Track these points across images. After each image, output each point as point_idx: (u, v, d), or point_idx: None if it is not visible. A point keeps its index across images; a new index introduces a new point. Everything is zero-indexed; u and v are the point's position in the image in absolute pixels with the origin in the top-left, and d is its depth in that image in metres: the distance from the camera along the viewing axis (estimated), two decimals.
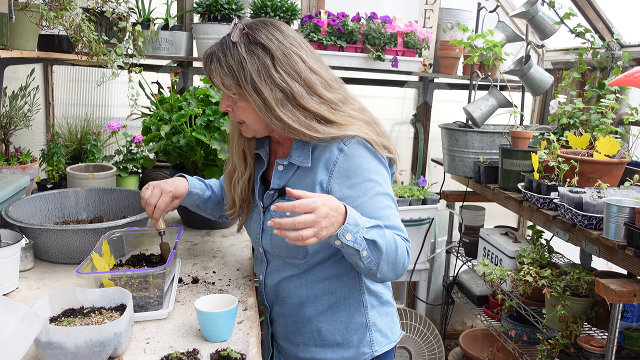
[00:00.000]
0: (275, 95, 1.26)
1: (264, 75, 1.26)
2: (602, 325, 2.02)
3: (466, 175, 2.61)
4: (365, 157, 1.30)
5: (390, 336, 1.47)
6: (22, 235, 1.55)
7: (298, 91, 1.27)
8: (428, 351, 2.85)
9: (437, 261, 3.43)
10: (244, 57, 1.26)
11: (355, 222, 1.16)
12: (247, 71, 1.25)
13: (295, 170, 1.36)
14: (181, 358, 1.14)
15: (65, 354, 1.07)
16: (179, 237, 1.55)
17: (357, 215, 1.19)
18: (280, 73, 1.26)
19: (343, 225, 1.15)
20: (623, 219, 1.67)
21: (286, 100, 1.27)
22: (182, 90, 2.73)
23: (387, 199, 1.30)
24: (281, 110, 1.26)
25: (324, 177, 1.31)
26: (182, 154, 1.96)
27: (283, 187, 1.37)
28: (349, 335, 1.41)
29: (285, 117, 1.27)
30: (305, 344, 1.44)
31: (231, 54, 1.27)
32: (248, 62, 1.26)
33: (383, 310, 1.46)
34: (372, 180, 1.29)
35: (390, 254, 1.22)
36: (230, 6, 2.51)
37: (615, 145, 2.00)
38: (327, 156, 1.31)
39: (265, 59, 1.26)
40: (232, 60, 1.27)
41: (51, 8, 1.94)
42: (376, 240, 1.19)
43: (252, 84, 1.26)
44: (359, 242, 1.17)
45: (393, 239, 1.23)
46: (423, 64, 2.84)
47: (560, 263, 2.42)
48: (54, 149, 2.38)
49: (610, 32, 2.65)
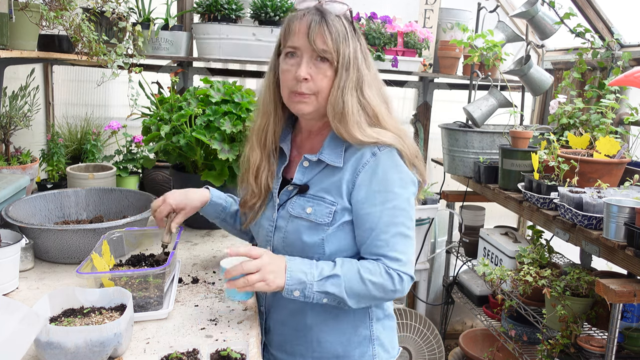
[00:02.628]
0: (355, 75, 1.30)
1: (356, 54, 1.31)
2: (602, 325, 2.02)
3: (466, 175, 2.61)
4: (395, 167, 1.29)
5: (391, 351, 1.43)
6: (22, 235, 1.55)
7: (368, 80, 1.32)
8: (428, 351, 2.85)
9: (437, 261, 3.43)
10: (347, 32, 1.30)
11: (298, 281, 1.22)
12: (349, 45, 1.29)
13: (323, 168, 1.34)
14: (181, 358, 1.14)
15: (65, 354, 1.07)
16: (179, 237, 1.55)
17: (302, 272, 1.23)
18: (365, 58, 1.33)
19: (285, 281, 1.22)
20: (623, 219, 1.67)
21: (357, 84, 1.30)
22: (182, 90, 2.73)
23: (402, 215, 1.28)
24: (351, 93, 1.29)
25: (350, 177, 1.30)
26: (182, 154, 1.96)
27: (305, 183, 1.35)
28: (351, 349, 1.37)
29: (349, 100, 1.28)
30: (303, 354, 1.38)
31: (339, 23, 1.30)
32: (350, 38, 1.30)
33: (387, 323, 1.43)
34: (393, 192, 1.27)
35: (360, 293, 1.25)
36: (230, 6, 2.51)
37: (615, 145, 2.00)
38: (358, 157, 1.30)
39: (358, 41, 1.32)
40: (341, 28, 1.30)
41: (51, 8, 1.94)
42: (330, 291, 1.23)
43: (348, 58, 1.29)
44: (311, 296, 1.23)
45: (359, 280, 1.23)
46: (423, 64, 2.84)
47: (560, 263, 2.42)
48: (54, 149, 2.38)
49: (610, 32, 2.65)
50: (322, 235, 1.30)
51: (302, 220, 1.32)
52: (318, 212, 1.30)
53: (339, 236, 1.30)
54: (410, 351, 2.85)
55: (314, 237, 1.30)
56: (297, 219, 1.33)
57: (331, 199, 1.30)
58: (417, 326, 2.84)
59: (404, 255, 1.27)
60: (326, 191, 1.32)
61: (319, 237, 1.30)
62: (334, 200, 1.30)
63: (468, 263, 2.84)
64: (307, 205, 1.32)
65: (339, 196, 1.30)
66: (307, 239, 1.31)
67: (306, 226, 1.31)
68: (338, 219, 1.30)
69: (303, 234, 1.31)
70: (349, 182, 1.30)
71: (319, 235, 1.30)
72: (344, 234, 1.31)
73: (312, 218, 1.31)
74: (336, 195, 1.30)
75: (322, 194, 1.32)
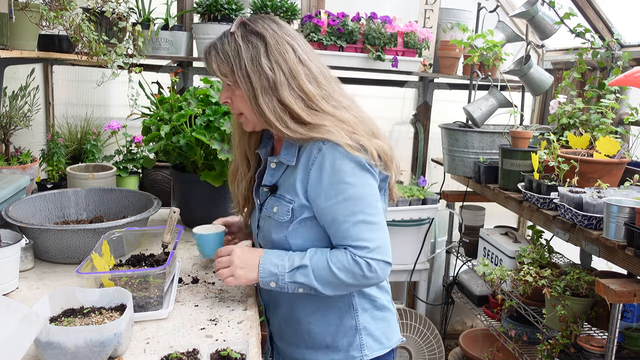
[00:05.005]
0: (262, 82, 1.28)
1: (256, 62, 1.28)
2: (602, 325, 2.02)
3: (466, 175, 2.61)
4: (342, 159, 1.28)
5: (384, 342, 1.44)
6: (22, 235, 1.55)
7: (280, 80, 1.28)
8: (428, 351, 2.85)
9: (437, 261, 3.43)
10: (239, 45, 1.29)
11: (270, 273, 1.30)
12: (242, 58, 1.28)
13: (285, 169, 1.38)
14: (181, 358, 1.14)
15: (65, 354, 1.07)
16: (179, 237, 1.55)
17: (274, 264, 1.31)
18: (269, 60, 1.28)
19: (258, 274, 1.31)
20: (623, 219, 1.66)
21: (269, 88, 1.28)
22: (182, 90, 2.73)
23: (359, 203, 1.28)
24: (263, 98, 1.28)
25: (303, 175, 1.32)
26: (182, 154, 1.96)
27: (274, 184, 1.39)
28: (338, 338, 1.40)
29: (265, 106, 1.28)
30: (297, 344, 1.44)
31: (228, 42, 1.30)
32: (243, 50, 1.28)
33: (377, 314, 1.44)
34: (345, 183, 1.27)
35: (331, 282, 1.29)
36: (230, 6, 2.51)
37: (615, 145, 2.00)
38: (307, 155, 1.31)
39: (259, 45, 1.29)
40: (229, 47, 1.30)
41: (51, 8, 1.94)
42: (300, 281, 1.29)
43: (245, 71, 1.28)
44: (285, 287, 1.30)
45: (327, 269, 1.28)
46: (423, 64, 2.84)
47: (560, 263, 2.42)
48: (54, 149, 2.38)
49: (610, 32, 2.65)
50: (284, 233, 1.35)
51: (271, 219, 1.38)
52: (279, 211, 1.36)
53: (301, 232, 1.35)
54: (410, 351, 2.85)
55: (279, 234, 1.36)
56: (269, 218, 1.39)
57: (289, 197, 1.35)
58: (417, 326, 2.84)
59: (370, 242, 1.27)
60: (286, 190, 1.36)
61: (283, 234, 1.36)
62: (292, 199, 1.34)
63: (468, 263, 2.84)
64: (275, 204, 1.37)
65: (295, 194, 1.33)
66: (274, 236, 1.37)
67: (273, 224, 1.37)
68: (297, 215, 1.34)
69: (272, 232, 1.38)
70: (303, 180, 1.32)
71: (282, 232, 1.36)
72: (306, 229, 1.35)
73: (275, 217, 1.36)
74: (293, 194, 1.34)
75: (284, 193, 1.36)
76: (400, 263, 2.80)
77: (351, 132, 1.30)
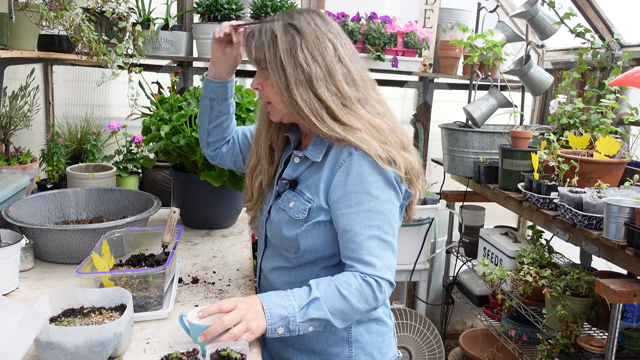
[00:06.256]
0: (297, 75, 1.26)
1: (292, 53, 1.27)
2: (602, 325, 2.02)
3: (466, 175, 2.61)
4: (373, 168, 1.26)
5: (376, 356, 1.39)
6: (22, 235, 1.55)
7: (316, 75, 1.26)
8: (428, 351, 2.85)
9: (437, 261, 3.43)
10: (277, 34, 1.27)
11: (280, 317, 1.18)
12: (277, 47, 1.27)
13: (309, 165, 1.36)
14: (181, 358, 1.14)
15: (65, 354, 1.07)
16: (179, 237, 1.55)
17: (282, 306, 1.18)
18: (305, 53, 1.26)
19: (266, 321, 1.17)
20: (623, 219, 1.67)
21: (305, 81, 1.26)
22: (182, 90, 2.73)
23: (378, 218, 1.25)
24: (298, 90, 1.26)
25: (328, 176, 1.30)
26: (182, 154, 1.96)
27: (295, 179, 1.37)
28: (327, 347, 1.37)
29: (299, 98, 1.26)
30: (286, 343, 1.41)
31: (266, 29, 1.29)
32: (279, 40, 1.27)
33: (373, 327, 1.40)
34: (369, 194, 1.25)
35: (343, 310, 1.21)
36: (230, 6, 2.51)
37: (615, 145, 2.00)
38: (337, 156, 1.29)
39: (296, 38, 1.27)
40: (267, 35, 1.29)
41: (51, 8, 1.94)
42: (315, 317, 1.19)
43: (280, 60, 1.26)
44: (296, 329, 1.19)
45: (338, 297, 1.20)
46: (423, 64, 2.84)
47: (560, 263, 2.42)
48: (54, 149, 2.38)
49: (610, 32, 2.65)
50: (297, 231, 1.32)
51: (284, 213, 1.35)
52: (296, 208, 1.33)
53: (313, 234, 1.31)
54: (410, 351, 2.85)
55: (290, 232, 1.33)
56: (282, 212, 1.36)
57: (309, 195, 1.32)
58: (417, 326, 2.84)
59: (380, 260, 1.24)
60: (307, 188, 1.33)
61: (294, 232, 1.32)
62: (311, 198, 1.31)
63: (468, 263, 2.84)
64: (292, 199, 1.35)
65: (316, 194, 1.31)
66: (285, 232, 1.34)
67: (286, 219, 1.34)
68: (313, 216, 1.31)
69: (283, 226, 1.34)
70: (327, 181, 1.30)
71: (295, 230, 1.32)
72: (319, 232, 1.31)
73: (291, 212, 1.33)
74: (314, 193, 1.31)
75: (304, 190, 1.34)
76: (400, 263, 2.80)
77: (383, 142, 1.28)
